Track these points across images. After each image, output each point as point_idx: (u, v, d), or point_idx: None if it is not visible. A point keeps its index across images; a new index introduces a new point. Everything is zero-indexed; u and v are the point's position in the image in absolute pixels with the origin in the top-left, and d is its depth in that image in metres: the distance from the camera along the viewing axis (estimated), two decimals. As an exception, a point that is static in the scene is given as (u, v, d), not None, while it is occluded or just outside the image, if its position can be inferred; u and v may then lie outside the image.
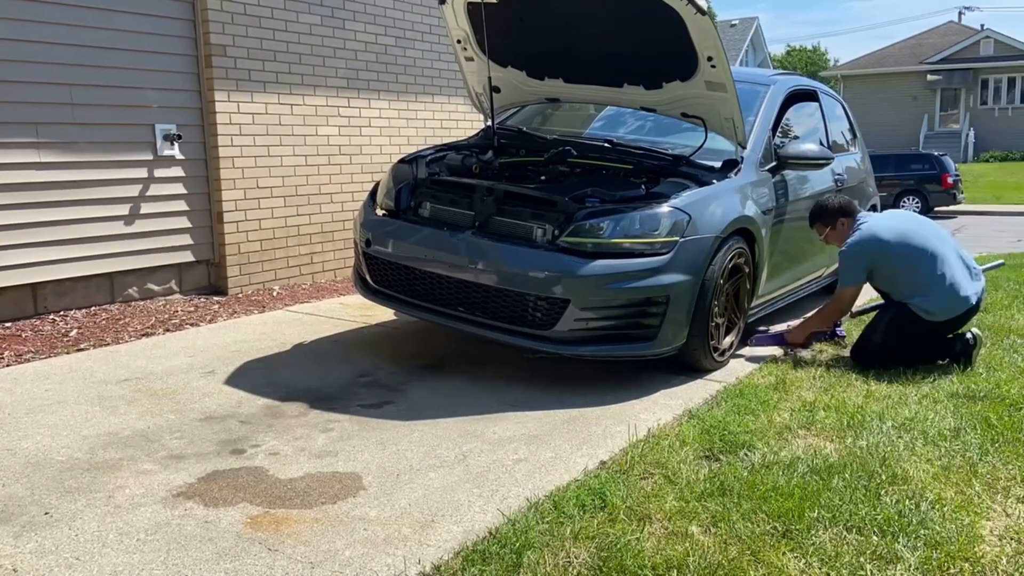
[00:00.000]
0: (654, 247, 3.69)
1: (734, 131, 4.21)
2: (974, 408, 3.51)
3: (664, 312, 3.71)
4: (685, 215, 3.77)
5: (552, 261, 3.64)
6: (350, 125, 6.61)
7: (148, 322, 4.97)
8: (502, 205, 3.92)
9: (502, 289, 3.73)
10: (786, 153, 4.66)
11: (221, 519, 2.49)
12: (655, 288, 3.66)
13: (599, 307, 3.64)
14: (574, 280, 3.59)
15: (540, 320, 3.69)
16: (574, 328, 3.65)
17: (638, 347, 3.76)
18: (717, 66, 3.92)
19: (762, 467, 2.85)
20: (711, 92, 4.10)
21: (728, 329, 4.20)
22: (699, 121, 4.34)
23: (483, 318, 3.82)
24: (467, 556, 2.27)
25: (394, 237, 4.12)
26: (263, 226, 6.04)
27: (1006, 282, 6.58)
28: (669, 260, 3.69)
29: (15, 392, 3.67)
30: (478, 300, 3.82)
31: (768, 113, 4.79)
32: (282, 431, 3.22)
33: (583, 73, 4.56)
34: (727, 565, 2.23)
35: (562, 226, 3.73)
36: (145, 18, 5.30)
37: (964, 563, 2.28)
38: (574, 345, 3.70)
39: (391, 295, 4.21)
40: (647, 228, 3.71)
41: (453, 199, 4.09)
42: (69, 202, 5.02)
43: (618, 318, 3.68)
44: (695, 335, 3.87)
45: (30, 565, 2.22)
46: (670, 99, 4.34)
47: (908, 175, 19.31)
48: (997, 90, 34.93)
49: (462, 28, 4.54)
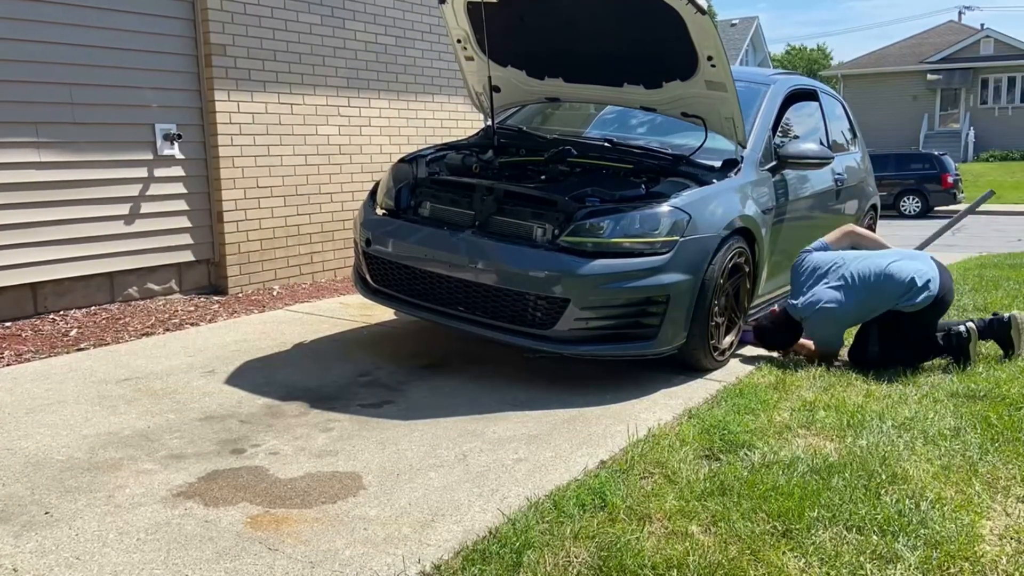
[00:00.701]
0: (654, 247, 3.69)
1: (734, 130, 4.21)
2: (974, 407, 3.51)
3: (664, 311, 3.71)
4: (685, 215, 3.77)
5: (552, 261, 3.64)
6: (350, 125, 6.61)
7: (148, 322, 4.97)
8: (502, 204, 3.92)
9: (502, 289, 3.72)
10: (786, 153, 4.66)
11: (221, 518, 2.49)
12: (655, 288, 3.66)
13: (599, 306, 3.63)
14: (574, 279, 3.59)
15: (540, 320, 3.69)
16: (574, 328, 3.65)
17: (638, 346, 3.76)
18: (717, 66, 3.92)
19: (762, 467, 2.85)
20: (711, 92, 4.10)
21: (728, 328, 4.20)
22: (699, 120, 4.34)
23: (483, 317, 3.82)
24: (467, 555, 2.27)
25: (394, 237, 4.12)
26: (263, 225, 6.04)
27: (1006, 282, 6.58)
28: (669, 259, 3.69)
29: (15, 392, 3.67)
30: (478, 300, 3.82)
31: (768, 113, 4.79)
32: (282, 431, 3.22)
33: (583, 72, 4.56)
34: (727, 564, 2.23)
35: (562, 225, 3.73)
36: (145, 18, 5.30)
37: (964, 562, 2.28)
38: (574, 344, 3.70)
39: (391, 295, 4.21)
40: (647, 227, 3.71)
41: (453, 198, 4.09)
42: (69, 202, 5.02)
43: (618, 317, 3.68)
44: (695, 334, 3.87)
45: (30, 564, 2.22)
46: (670, 98, 4.34)
47: (908, 175, 19.33)
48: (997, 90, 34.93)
49: (462, 28, 4.54)
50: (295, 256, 6.31)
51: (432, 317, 4.01)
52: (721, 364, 4.16)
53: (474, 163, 4.36)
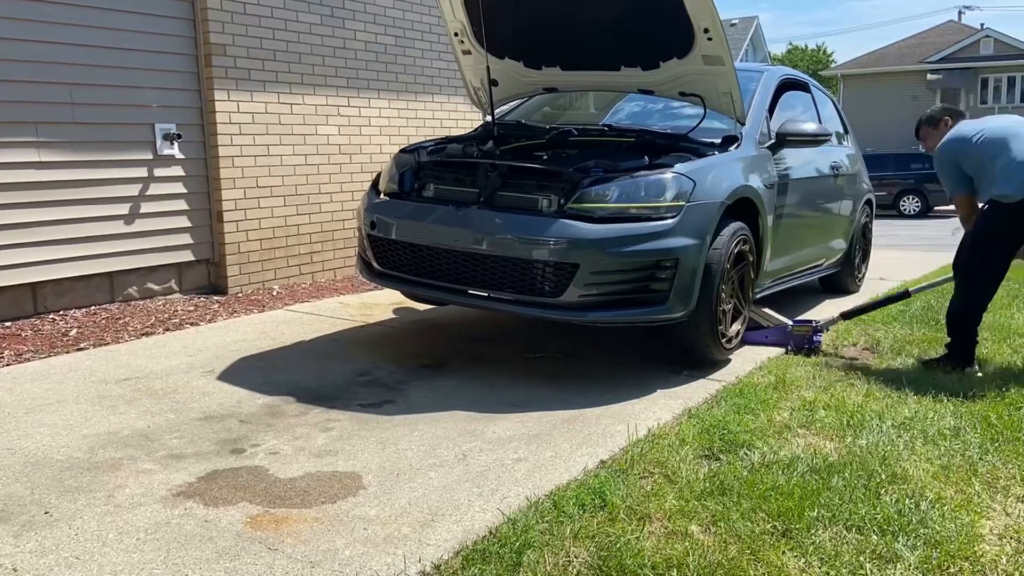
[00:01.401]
0: (660, 211, 3.70)
1: (732, 105, 4.24)
2: (974, 407, 3.51)
3: (673, 276, 3.70)
4: (690, 180, 3.79)
5: (559, 227, 3.63)
6: (350, 124, 6.61)
7: (148, 321, 4.97)
8: (506, 180, 3.91)
9: (510, 259, 3.71)
10: (784, 131, 4.70)
11: (221, 518, 2.48)
12: (663, 251, 3.66)
13: (608, 271, 3.63)
14: (582, 244, 3.58)
15: (550, 288, 3.67)
16: (584, 294, 3.64)
17: (649, 311, 3.73)
18: (714, 38, 3.94)
19: (762, 466, 2.85)
20: (709, 67, 4.12)
21: (735, 317, 4.21)
22: (698, 99, 4.37)
23: (491, 291, 3.80)
24: (467, 555, 2.27)
25: (399, 217, 4.10)
26: (263, 225, 6.04)
27: (1006, 281, 6.57)
28: (676, 224, 3.69)
29: (15, 391, 3.67)
30: (486, 273, 3.80)
31: (763, 96, 4.87)
32: (282, 430, 3.22)
33: (580, 59, 4.58)
34: (727, 564, 2.23)
35: (567, 195, 3.73)
36: (145, 17, 5.30)
37: (964, 562, 2.28)
38: (585, 311, 3.68)
39: (397, 276, 4.17)
40: (652, 193, 3.72)
41: (457, 178, 4.08)
42: (69, 201, 5.02)
43: (628, 282, 3.67)
44: (704, 310, 3.85)
45: (30, 564, 2.22)
46: (668, 78, 4.36)
47: (908, 174, 19.32)
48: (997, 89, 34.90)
49: (459, 20, 4.54)
50: (295, 256, 6.31)
51: (439, 295, 4.00)
52: (729, 352, 4.16)
53: (475, 151, 4.36)
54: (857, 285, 6.38)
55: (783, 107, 5.15)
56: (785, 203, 4.72)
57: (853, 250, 6.17)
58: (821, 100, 5.98)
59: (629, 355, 4.33)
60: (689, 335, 3.96)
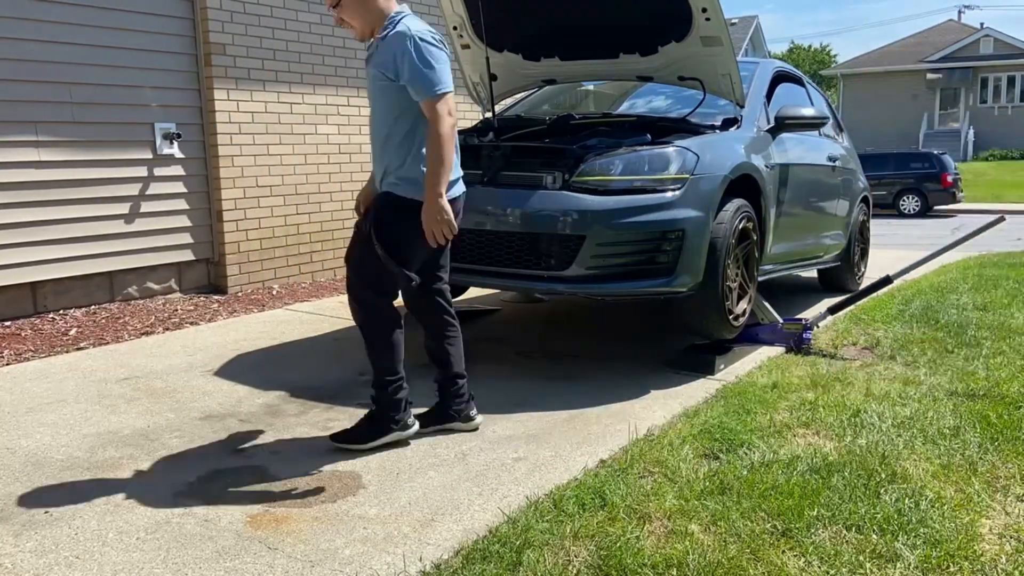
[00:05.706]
0: (664, 183, 3.73)
1: (732, 87, 4.26)
2: (973, 406, 3.51)
3: (679, 248, 3.71)
4: (693, 154, 3.82)
5: (565, 200, 3.66)
6: (349, 123, 6.61)
7: (148, 321, 4.97)
8: (509, 159, 3.92)
9: (515, 233, 3.73)
10: (783, 114, 4.74)
11: (221, 518, 2.48)
12: (669, 223, 3.68)
13: (615, 242, 3.64)
14: (588, 216, 3.60)
15: (556, 261, 3.68)
16: (591, 266, 3.65)
17: (656, 283, 3.74)
18: (712, 18, 3.95)
19: (762, 466, 2.85)
20: (707, 48, 4.14)
21: (740, 296, 4.23)
22: (697, 83, 4.38)
23: (497, 267, 3.81)
24: (467, 554, 2.27)
25: None
26: (263, 224, 6.04)
27: (1006, 281, 6.58)
28: (681, 196, 3.72)
29: (15, 391, 3.67)
30: (491, 249, 3.81)
31: (760, 84, 4.92)
32: (282, 430, 3.22)
33: (578, 49, 4.59)
34: (727, 564, 2.23)
35: (571, 170, 3.74)
36: (145, 17, 5.30)
37: (964, 561, 2.28)
38: (591, 283, 3.69)
39: None
40: (656, 166, 3.75)
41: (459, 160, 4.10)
42: (69, 201, 5.02)
43: (634, 254, 3.69)
44: (710, 283, 3.85)
45: (30, 564, 2.22)
46: (667, 63, 4.38)
47: (908, 174, 19.31)
48: (997, 89, 34.92)
49: (458, 14, 4.54)
50: (295, 255, 6.31)
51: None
52: (736, 330, 4.17)
53: (476, 141, 4.35)
54: (857, 283, 6.39)
55: (778, 98, 5.19)
56: (786, 186, 4.76)
57: (852, 247, 6.19)
58: (815, 95, 6.06)
59: (629, 355, 4.33)
60: (696, 311, 3.97)
